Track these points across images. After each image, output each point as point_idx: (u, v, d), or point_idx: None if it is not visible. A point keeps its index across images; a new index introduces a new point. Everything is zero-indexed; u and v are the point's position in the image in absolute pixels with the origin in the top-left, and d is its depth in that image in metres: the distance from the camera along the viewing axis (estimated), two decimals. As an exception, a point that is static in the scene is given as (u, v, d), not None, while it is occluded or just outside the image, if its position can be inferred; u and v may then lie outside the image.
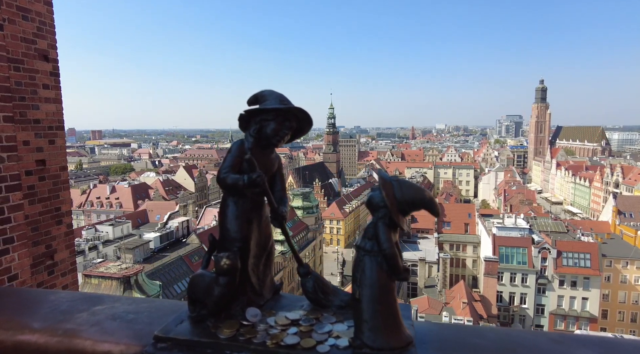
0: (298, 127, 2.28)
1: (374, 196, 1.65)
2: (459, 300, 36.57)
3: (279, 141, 2.20)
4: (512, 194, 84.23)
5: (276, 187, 2.28)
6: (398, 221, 1.61)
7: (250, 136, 2.18)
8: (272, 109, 2.15)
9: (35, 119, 3.76)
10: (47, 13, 3.88)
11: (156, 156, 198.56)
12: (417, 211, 1.66)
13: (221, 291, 1.89)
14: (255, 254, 2.11)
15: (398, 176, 1.70)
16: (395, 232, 1.65)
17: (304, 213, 56.65)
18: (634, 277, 44.49)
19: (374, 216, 1.66)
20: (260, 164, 2.09)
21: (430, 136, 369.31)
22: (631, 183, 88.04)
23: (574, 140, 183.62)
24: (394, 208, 1.59)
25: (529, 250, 44.09)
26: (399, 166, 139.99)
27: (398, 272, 1.60)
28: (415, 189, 1.63)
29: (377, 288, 1.59)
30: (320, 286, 2.05)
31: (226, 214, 2.09)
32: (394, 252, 1.59)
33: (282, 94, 2.26)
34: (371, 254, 1.62)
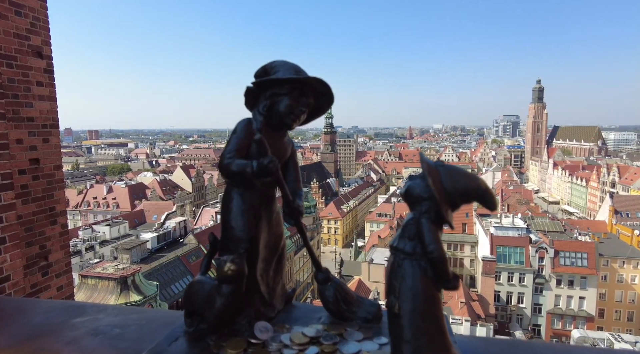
0: (316, 105, 1.89)
1: (413, 186, 1.34)
2: (456, 300, 36.60)
3: (294, 120, 1.82)
4: (510, 194, 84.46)
5: (289, 177, 1.93)
6: (446, 216, 1.31)
7: (260, 114, 1.80)
8: (287, 79, 1.77)
9: (29, 117, 3.68)
10: (40, 9, 3.80)
11: (153, 156, 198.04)
12: (469, 203, 1.37)
13: (224, 302, 1.55)
14: (264, 258, 1.76)
15: (443, 161, 1.38)
16: (442, 229, 1.35)
17: (301, 213, 56.62)
18: (631, 276, 44.68)
19: (415, 211, 1.33)
20: (271, 149, 1.71)
21: (427, 135, 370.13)
22: (627, 183, 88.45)
23: (570, 140, 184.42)
24: (442, 200, 1.29)
25: (527, 250, 44.20)
26: (397, 165, 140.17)
27: (447, 279, 1.28)
28: (467, 176, 1.32)
29: (422, 300, 1.26)
30: (342, 296, 1.72)
31: (230, 209, 1.71)
32: (442, 255, 1.28)
33: (296, 64, 1.86)
34: (413, 258, 1.29)
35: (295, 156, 2.00)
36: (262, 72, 1.84)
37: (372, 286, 37.60)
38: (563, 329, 42.53)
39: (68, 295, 4.12)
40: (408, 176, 1.51)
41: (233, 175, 1.67)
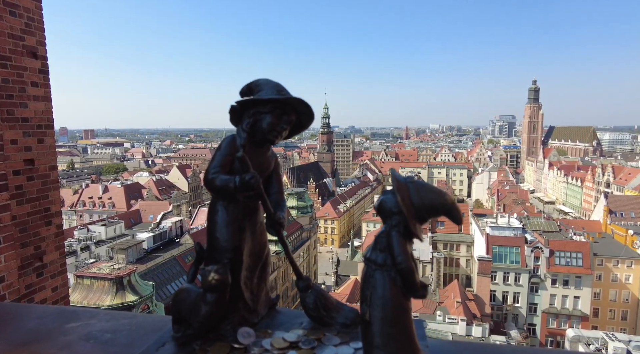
0: (298, 122, 2.00)
1: (386, 201, 1.42)
2: (452, 299, 36.74)
3: (276, 137, 1.93)
4: (505, 194, 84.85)
5: (272, 189, 2.02)
6: (415, 230, 1.39)
7: (243, 130, 1.90)
8: (269, 100, 1.88)
9: (24, 117, 3.68)
10: (35, 9, 3.79)
11: (149, 155, 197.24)
12: (437, 217, 1.44)
13: (209, 310, 1.64)
14: (248, 266, 1.85)
15: (414, 177, 1.46)
16: (411, 242, 1.43)
17: (298, 213, 56.58)
18: (625, 275, 45.02)
19: (386, 224, 1.43)
20: (254, 164, 1.82)
21: (424, 136, 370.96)
22: (622, 183, 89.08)
23: (566, 140, 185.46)
24: (410, 214, 1.37)
25: (522, 249, 44.42)
26: (393, 165, 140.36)
27: (415, 289, 1.38)
28: (435, 192, 1.40)
29: (391, 308, 1.36)
30: (322, 302, 1.80)
31: (215, 221, 1.82)
32: (410, 266, 1.37)
33: (279, 84, 1.97)
34: (383, 269, 1.39)
35: (278, 169, 2.10)
36: (247, 90, 1.96)
37: (368, 286, 37.66)
38: (558, 329, 42.79)
39: (63, 296, 4.11)
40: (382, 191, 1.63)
41: (217, 190, 1.78)
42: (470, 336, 30.52)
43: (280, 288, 45.87)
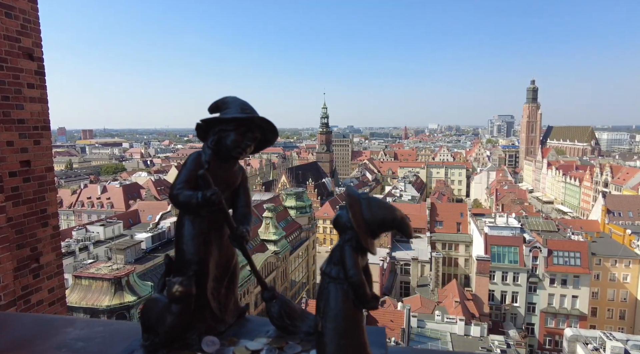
0: (263, 138, 2.08)
1: (341, 216, 1.50)
2: (451, 299, 36.78)
3: (241, 153, 2.01)
4: (504, 194, 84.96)
5: (239, 202, 2.09)
6: (366, 244, 1.45)
7: (208, 147, 1.99)
8: (232, 118, 1.96)
9: (20, 118, 3.68)
10: (31, 10, 3.79)
11: (148, 155, 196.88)
12: (388, 232, 1.52)
13: (173, 320, 1.71)
14: (215, 277, 1.92)
15: (368, 193, 1.54)
16: (364, 256, 1.50)
17: (297, 213, 56.55)
18: (623, 275, 45.13)
19: (341, 238, 1.51)
20: (220, 179, 1.92)
21: (422, 135, 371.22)
22: (620, 182, 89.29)
23: (564, 140, 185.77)
24: (361, 230, 1.43)
25: (521, 249, 44.49)
26: (392, 165, 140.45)
27: (366, 301, 1.46)
28: (386, 208, 1.48)
29: (343, 319, 1.43)
30: (286, 311, 1.87)
31: (182, 234, 1.90)
32: (360, 279, 1.44)
33: (245, 102, 2.07)
34: (337, 282, 1.46)
35: (246, 182, 2.17)
36: (215, 107, 2.05)
37: (367, 286, 37.65)
38: (556, 328, 42.87)
39: (60, 297, 4.12)
40: (339, 206, 1.73)
41: (181, 205, 1.87)
42: (469, 335, 30.55)
43: (279, 287, 45.86)
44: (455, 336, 30.04)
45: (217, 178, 1.90)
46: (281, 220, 51.64)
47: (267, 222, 45.98)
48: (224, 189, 1.97)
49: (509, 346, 29.46)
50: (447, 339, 29.44)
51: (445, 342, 29.10)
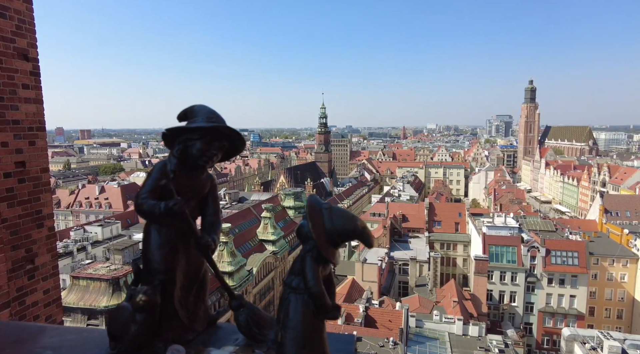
0: (231, 146, 2.08)
1: (303, 226, 1.50)
2: (449, 299, 36.82)
3: (207, 162, 1.99)
4: (502, 194, 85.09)
5: (208, 211, 2.07)
6: (327, 255, 1.45)
7: (174, 156, 1.98)
8: (197, 128, 1.96)
9: (15, 119, 3.67)
10: (26, 11, 3.78)
11: (146, 155, 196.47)
12: (350, 241, 1.51)
13: (137, 329, 1.71)
14: (183, 286, 1.91)
15: (330, 203, 1.56)
16: (326, 266, 1.48)
17: (295, 213, 56.52)
18: (620, 274, 45.25)
19: (302, 249, 1.50)
20: (186, 187, 1.92)
21: (421, 135, 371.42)
22: (617, 182, 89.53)
23: (562, 140, 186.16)
24: (321, 240, 1.43)
25: (519, 249, 44.56)
26: (391, 165, 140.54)
27: (326, 311, 1.45)
28: (347, 218, 1.48)
29: (302, 329, 1.42)
30: (254, 320, 1.85)
31: (148, 243, 1.90)
32: (320, 290, 1.43)
33: (212, 110, 2.07)
34: (297, 292, 1.46)
35: (215, 190, 2.16)
36: (183, 115, 2.06)
37: (365, 286, 37.68)
38: (554, 328, 42.95)
39: (55, 298, 4.10)
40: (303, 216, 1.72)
41: (145, 214, 1.88)
42: (467, 335, 30.58)
43: (278, 287, 45.85)
44: (453, 335, 30.07)
45: (184, 187, 1.91)
46: (280, 220, 51.62)
47: (266, 223, 45.96)
48: (191, 198, 1.97)
49: (507, 345, 29.50)
50: (446, 339, 29.47)
51: (443, 342, 29.13)
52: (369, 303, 32.26)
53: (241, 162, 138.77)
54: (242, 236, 43.28)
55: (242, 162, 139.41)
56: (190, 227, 1.89)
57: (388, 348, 25.53)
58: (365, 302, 31.92)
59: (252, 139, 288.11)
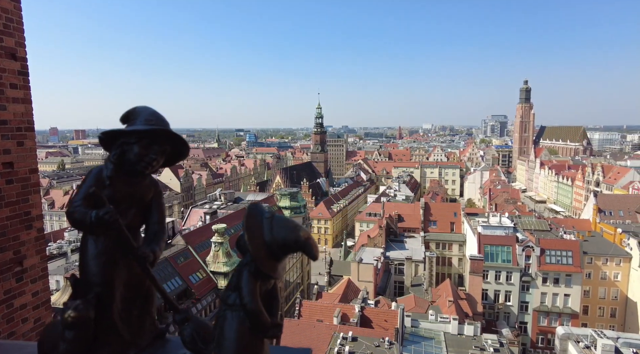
0: (176, 151, 1.96)
1: (242, 237, 1.40)
2: (444, 298, 36.92)
3: (146, 167, 1.87)
4: (497, 193, 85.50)
5: (151, 219, 1.96)
6: (266, 269, 1.33)
7: (110, 162, 1.88)
8: (133, 131, 1.84)
9: (2, 119, 3.62)
10: (14, 9, 3.73)
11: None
12: (292, 253, 1.40)
13: (66, 348, 1.58)
14: (124, 298, 1.79)
15: (273, 213, 1.41)
16: (267, 280, 1.38)
17: (291, 213, 56.50)
18: (613, 273, 45.61)
19: (240, 262, 1.40)
20: (125, 195, 1.82)
21: (417, 135, 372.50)
22: (611, 182, 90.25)
23: (556, 140, 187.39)
24: (260, 253, 1.32)
25: (514, 248, 44.79)
26: (386, 165, 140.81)
27: (264, 330, 1.35)
28: (289, 228, 1.35)
29: (237, 349, 1.32)
30: (200, 334, 1.74)
31: (84, 254, 1.78)
32: (256, 308, 1.32)
33: (154, 112, 1.94)
34: (233, 309, 1.35)
35: (159, 197, 2.03)
36: (124, 117, 1.96)
37: (361, 286, 37.71)
38: (549, 326, 43.23)
39: (44, 301, 4.06)
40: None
41: (77, 224, 1.76)
42: (463, 334, 30.69)
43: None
44: (448, 335, 30.17)
45: (122, 194, 1.81)
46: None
47: (261, 223, 45.89)
48: (130, 206, 1.86)
49: (502, 344, 29.63)
50: (441, 338, 29.57)
51: (439, 341, 29.22)
52: (364, 302, 32.30)
53: (237, 162, 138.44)
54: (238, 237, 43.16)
55: (238, 162, 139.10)
56: (124, 237, 1.78)
57: (384, 348, 25.56)
58: (361, 302, 31.95)
59: (247, 139, 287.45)
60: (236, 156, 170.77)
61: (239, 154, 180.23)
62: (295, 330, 28.28)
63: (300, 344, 27.70)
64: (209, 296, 34.00)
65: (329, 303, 32.19)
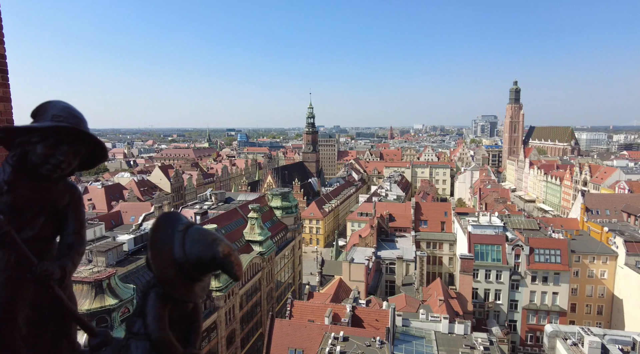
0: (92, 152, 1.69)
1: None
2: (435, 298, 37.15)
3: (53, 171, 1.61)
4: (487, 193, 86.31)
5: (66, 229, 1.71)
6: (177, 292, 1.11)
7: (8, 164, 1.64)
8: (35, 128, 1.59)
9: (-20, 118, 3.53)
10: (-8, 6, 3.64)
11: (131, 155, 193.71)
12: (211, 272, 1.15)
13: None
14: (30, 322, 1.52)
15: (190, 223, 1.16)
16: (181, 304, 1.13)
17: (282, 213, 56.33)
18: (600, 271, 46.35)
19: (147, 282, 1.18)
20: (29, 201, 1.57)
21: (408, 135, 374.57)
22: (598, 181, 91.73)
23: (545, 140, 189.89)
24: (166, 274, 1.10)
25: (503, 247, 45.26)
26: (378, 165, 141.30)
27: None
28: (204, 243, 1.10)
29: None
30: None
31: None
32: (163, 337, 1.09)
33: (67, 107, 1.67)
34: (138, 338, 1.13)
35: (78, 204, 1.80)
36: (34, 112, 1.72)
37: (352, 285, 37.77)
38: (537, 324, 43.76)
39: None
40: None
41: None
42: (453, 333, 30.92)
43: (265, 289, 45.61)
44: (439, 334, 30.36)
45: (26, 201, 1.57)
46: (267, 220, 51.38)
47: (253, 223, 45.68)
48: (37, 214, 1.61)
49: (491, 343, 29.91)
50: (432, 337, 29.74)
51: (429, 340, 29.39)
52: (356, 302, 32.37)
53: (228, 162, 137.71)
54: (229, 237, 42.94)
55: (229, 162, 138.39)
56: (19, 251, 1.51)
57: (375, 348, 25.63)
58: (352, 302, 32.00)
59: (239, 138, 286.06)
60: (227, 155, 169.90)
61: (230, 154, 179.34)
62: (286, 331, 28.22)
63: (291, 344, 27.64)
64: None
65: (321, 303, 32.17)
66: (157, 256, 1.09)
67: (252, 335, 42.94)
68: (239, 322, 39.12)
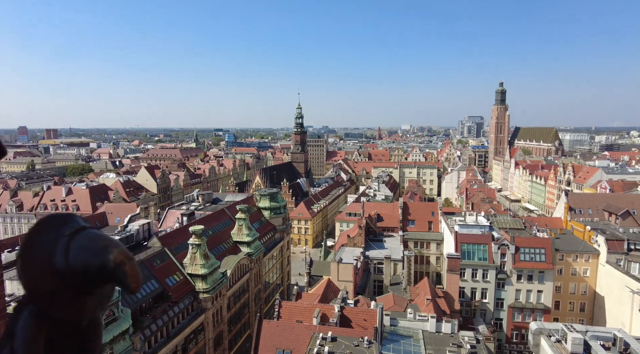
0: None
1: None
2: (423, 297, 37.44)
3: None
4: (474, 193, 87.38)
5: None
6: (51, 309, 0.91)
7: None
8: None
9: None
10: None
11: (117, 156, 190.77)
12: (102, 284, 0.95)
13: None
14: None
15: (84, 226, 0.97)
16: (64, 324, 0.95)
17: (271, 214, 56.10)
18: (583, 269, 47.34)
19: (22, 298, 0.97)
20: None
21: (396, 136, 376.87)
22: (581, 181, 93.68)
23: (530, 140, 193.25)
24: (41, 287, 0.89)
25: (489, 247, 45.86)
26: (366, 165, 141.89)
27: None
28: (92, 250, 0.91)
29: None
30: None
31: None
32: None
33: None
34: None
35: None
36: None
37: (340, 285, 37.81)
38: (523, 322, 44.47)
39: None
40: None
41: None
42: (440, 332, 31.20)
43: (253, 290, 45.36)
44: (427, 333, 30.60)
45: None
46: (255, 221, 51.09)
47: (240, 224, 45.39)
48: None
49: (478, 341, 30.26)
50: (419, 336, 29.95)
51: (417, 339, 29.59)
52: (344, 302, 32.39)
53: (215, 162, 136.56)
54: (216, 238, 42.58)
55: (217, 162, 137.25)
56: None
57: (363, 347, 25.70)
58: (341, 302, 32.03)
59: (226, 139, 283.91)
60: (215, 156, 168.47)
61: (217, 154, 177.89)
62: (274, 332, 28.09)
63: (279, 345, 27.53)
64: (186, 299, 33.38)
65: (309, 304, 32.12)
66: (29, 265, 0.89)
67: (240, 337, 42.64)
68: (226, 323, 38.80)
